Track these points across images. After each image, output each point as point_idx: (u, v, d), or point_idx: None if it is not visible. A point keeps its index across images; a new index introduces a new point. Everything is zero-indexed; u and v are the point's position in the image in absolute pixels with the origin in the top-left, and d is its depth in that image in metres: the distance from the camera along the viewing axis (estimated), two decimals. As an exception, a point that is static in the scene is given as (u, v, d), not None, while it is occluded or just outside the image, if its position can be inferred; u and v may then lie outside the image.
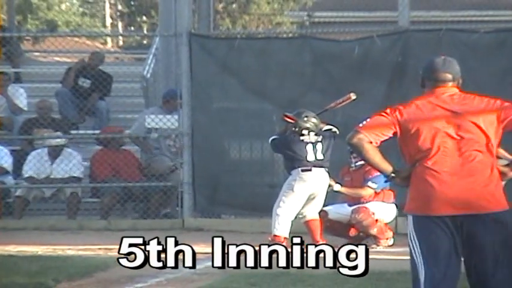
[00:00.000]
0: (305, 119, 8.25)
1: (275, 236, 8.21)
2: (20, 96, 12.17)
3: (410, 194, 3.00)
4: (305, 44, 11.03)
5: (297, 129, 8.25)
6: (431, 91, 3.02)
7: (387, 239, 8.91)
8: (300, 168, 8.24)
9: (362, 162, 8.63)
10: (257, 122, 10.80)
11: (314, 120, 8.29)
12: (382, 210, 8.88)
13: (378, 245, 8.80)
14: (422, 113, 2.95)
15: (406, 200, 3.06)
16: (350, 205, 8.88)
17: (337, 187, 8.63)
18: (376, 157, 2.97)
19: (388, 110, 3.00)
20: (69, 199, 11.19)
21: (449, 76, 3.00)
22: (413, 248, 2.94)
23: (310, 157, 8.27)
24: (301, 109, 8.56)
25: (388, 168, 3.00)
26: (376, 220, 8.78)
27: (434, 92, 3.00)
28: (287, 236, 8.12)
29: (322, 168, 8.34)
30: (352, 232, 8.92)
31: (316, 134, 8.32)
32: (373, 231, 8.77)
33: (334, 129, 8.44)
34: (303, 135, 8.27)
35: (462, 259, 2.93)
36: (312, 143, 8.29)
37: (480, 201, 2.85)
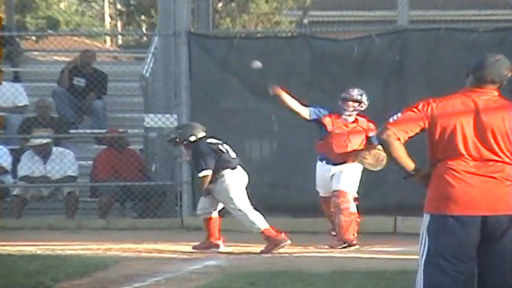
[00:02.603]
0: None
1: (265, 229, 8.32)
2: (20, 95, 12.19)
3: (430, 193, 2.95)
4: (304, 44, 11.03)
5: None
6: (471, 89, 2.97)
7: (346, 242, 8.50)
8: (228, 169, 8.42)
9: (353, 117, 8.56)
10: (256, 121, 10.81)
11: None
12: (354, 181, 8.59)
13: (332, 247, 8.56)
14: (453, 113, 2.91)
15: (425, 200, 2.99)
16: (334, 164, 8.54)
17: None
18: (400, 153, 2.94)
19: (420, 106, 2.94)
20: (67, 198, 11.19)
21: (493, 78, 2.93)
22: (421, 248, 2.92)
23: (234, 155, 8.59)
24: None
25: (411, 165, 2.96)
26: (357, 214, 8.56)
27: (473, 90, 2.96)
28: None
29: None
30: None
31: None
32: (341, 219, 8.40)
33: None
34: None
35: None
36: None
37: (502, 203, 2.83)
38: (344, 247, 8.42)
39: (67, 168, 11.30)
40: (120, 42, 30.99)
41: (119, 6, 33.20)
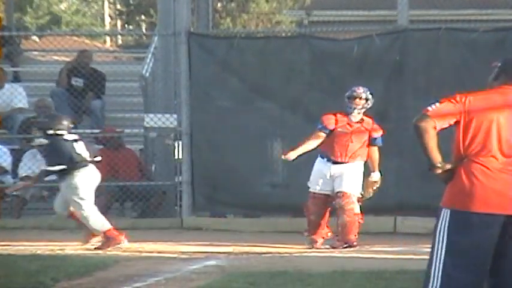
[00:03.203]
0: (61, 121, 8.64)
1: (108, 231, 8.43)
2: (19, 95, 12.19)
3: (454, 188, 2.88)
4: (304, 43, 11.03)
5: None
6: (507, 87, 2.95)
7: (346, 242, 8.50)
8: (79, 167, 8.45)
9: (360, 116, 8.56)
10: (256, 120, 10.80)
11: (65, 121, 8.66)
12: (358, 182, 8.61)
13: (333, 247, 8.55)
14: (491, 108, 2.87)
15: (445, 195, 2.94)
16: (335, 162, 8.51)
17: (377, 176, 8.55)
18: (432, 142, 2.85)
19: (457, 97, 2.90)
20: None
21: None
22: (438, 244, 2.86)
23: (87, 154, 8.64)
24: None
25: (438, 158, 2.87)
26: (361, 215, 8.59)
27: (506, 88, 2.94)
28: None
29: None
30: None
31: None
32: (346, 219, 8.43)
33: None
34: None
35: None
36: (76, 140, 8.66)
37: None
38: (345, 247, 8.42)
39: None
40: (120, 42, 30.99)
41: (118, 6, 33.22)
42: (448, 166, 2.90)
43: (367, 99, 8.57)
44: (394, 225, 10.12)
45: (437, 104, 2.92)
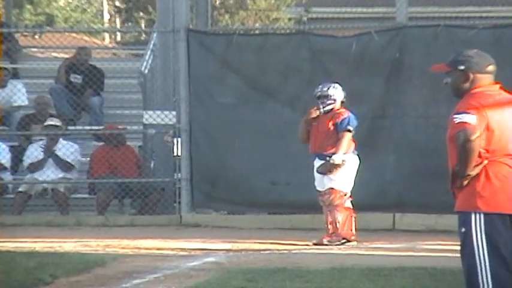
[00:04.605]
0: None
1: None
2: (18, 92, 12.19)
3: (481, 192, 2.84)
4: (303, 40, 11.02)
5: None
6: (491, 84, 2.99)
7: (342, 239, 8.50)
8: None
9: (330, 107, 8.67)
10: (255, 117, 10.80)
11: None
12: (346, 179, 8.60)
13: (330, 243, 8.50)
14: (499, 109, 2.90)
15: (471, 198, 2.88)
16: (318, 157, 8.59)
17: (338, 158, 8.42)
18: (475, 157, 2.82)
19: (476, 106, 2.85)
20: (54, 196, 11.25)
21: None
22: (479, 250, 2.81)
23: None
24: None
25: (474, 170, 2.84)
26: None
27: (493, 85, 2.99)
28: None
29: None
30: None
31: None
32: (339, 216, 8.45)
33: None
34: None
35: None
36: None
37: None
38: (343, 243, 8.43)
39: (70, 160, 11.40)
40: (118, 38, 30.96)
41: (117, 3, 33.18)
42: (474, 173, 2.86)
43: (327, 96, 8.67)
44: (393, 222, 10.13)
45: (464, 115, 2.83)
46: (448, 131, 2.93)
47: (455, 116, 2.85)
